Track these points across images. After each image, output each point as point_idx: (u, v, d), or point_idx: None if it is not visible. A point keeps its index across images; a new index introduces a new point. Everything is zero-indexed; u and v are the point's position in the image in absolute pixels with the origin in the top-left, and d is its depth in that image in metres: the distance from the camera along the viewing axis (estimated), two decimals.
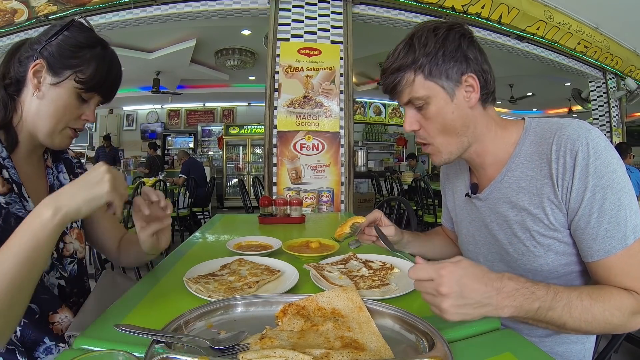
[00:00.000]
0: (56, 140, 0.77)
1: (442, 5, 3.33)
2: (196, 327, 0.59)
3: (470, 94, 0.73)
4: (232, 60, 5.80)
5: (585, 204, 0.65)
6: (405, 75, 0.73)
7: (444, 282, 0.55)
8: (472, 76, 0.72)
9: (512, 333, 0.61)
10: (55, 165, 0.88)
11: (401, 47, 0.74)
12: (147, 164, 6.67)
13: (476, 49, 0.74)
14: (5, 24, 3.32)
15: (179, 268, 0.94)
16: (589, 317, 0.60)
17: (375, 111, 9.50)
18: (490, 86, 0.76)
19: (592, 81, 5.24)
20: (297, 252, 1.04)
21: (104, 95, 0.80)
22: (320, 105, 2.79)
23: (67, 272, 0.82)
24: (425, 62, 0.71)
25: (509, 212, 0.77)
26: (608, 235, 0.63)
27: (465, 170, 0.92)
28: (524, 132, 0.76)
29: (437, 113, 0.74)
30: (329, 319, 0.58)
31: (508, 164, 0.77)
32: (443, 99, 0.73)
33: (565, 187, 0.67)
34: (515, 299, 0.58)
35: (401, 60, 0.73)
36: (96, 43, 0.77)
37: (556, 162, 0.68)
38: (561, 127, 0.69)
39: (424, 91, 0.73)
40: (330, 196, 2.78)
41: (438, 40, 0.71)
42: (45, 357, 0.74)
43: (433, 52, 0.71)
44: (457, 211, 0.96)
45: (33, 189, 0.77)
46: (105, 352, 0.43)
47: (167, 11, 3.22)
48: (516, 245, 0.77)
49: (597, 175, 0.64)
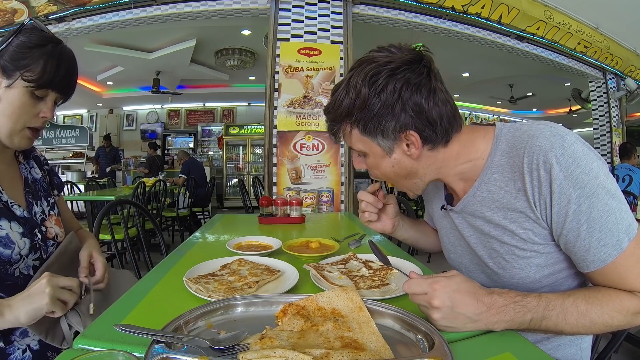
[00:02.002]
0: (15, 141, 0.81)
1: (442, 5, 3.33)
2: (196, 327, 0.59)
3: (412, 149, 0.69)
4: (232, 60, 5.80)
5: (572, 217, 0.61)
6: (342, 126, 0.72)
7: (436, 295, 0.57)
8: (412, 133, 0.67)
9: (512, 333, 0.61)
10: (26, 161, 0.95)
11: (339, 91, 0.70)
12: (147, 164, 6.68)
13: (423, 97, 0.65)
14: (5, 24, 3.32)
15: (179, 268, 0.94)
16: (587, 321, 0.60)
17: None
18: (441, 134, 0.68)
19: (592, 81, 5.24)
20: (297, 252, 1.04)
21: (58, 90, 0.82)
22: (320, 105, 2.79)
23: (47, 254, 0.88)
24: (360, 118, 0.67)
25: (485, 227, 0.74)
26: (601, 244, 0.60)
27: (440, 184, 0.88)
28: (494, 142, 0.71)
29: (376, 166, 0.73)
30: (329, 319, 0.58)
31: (480, 177, 0.72)
32: (380, 155, 0.71)
33: (542, 202, 0.64)
34: (505, 314, 0.58)
35: (338, 110, 0.70)
36: (47, 42, 0.79)
37: (529, 175, 0.64)
38: (532, 137, 0.64)
39: (360, 145, 0.72)
40: (330, 196, 2.78)
41: (374, 91, 0.65)
42: (22, 340, 0.79)
43: (367, 106, 0.66)
44: (436, 222, 0.94)
45: (8, 183, 0.85)
46: (105, 352, 0.43)
47: (167, 11, 3.22)
48: (496, 259, 0.75)
49: (579, 185, 0.60)
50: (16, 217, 0.81)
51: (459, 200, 0.79)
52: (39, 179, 0.95)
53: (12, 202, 0.82)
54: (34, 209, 0.88)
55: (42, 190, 0.94)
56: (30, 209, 0.87)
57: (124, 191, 4.30)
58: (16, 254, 0.78)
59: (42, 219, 0.89)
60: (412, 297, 0.61)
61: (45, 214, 0.91)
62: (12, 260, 0.77)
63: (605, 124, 5.18)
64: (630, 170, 3.38)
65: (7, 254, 0.76)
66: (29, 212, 0.86)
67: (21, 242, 0.80)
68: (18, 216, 0.82)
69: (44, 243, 0.87)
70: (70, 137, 7.74)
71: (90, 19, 3.35)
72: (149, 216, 1.69)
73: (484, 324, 0.58)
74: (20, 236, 0.80)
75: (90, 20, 3.35)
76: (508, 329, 0.60)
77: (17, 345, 0.79)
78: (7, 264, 0.76)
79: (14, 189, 0.86)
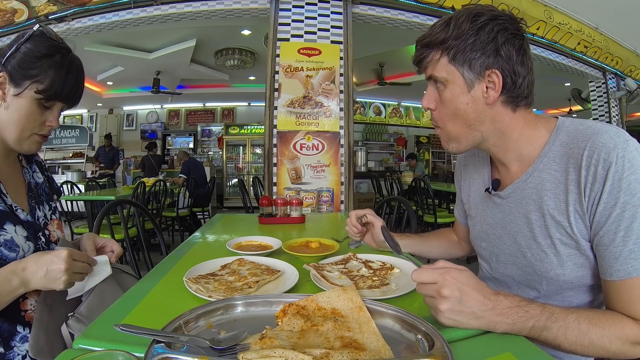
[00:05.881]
0: (24, 146, 0.82)
1: (442, 5, 3.33)
2: (196, 327, 0.59)
3: (490, 91, 0.70)
4: (232, 60, 5.80)
5: (613, 220, 0.61)
6: (432, 52, 0.72)
7: (446, 284, 0.57)
8: (497, 73, 0.68)
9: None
10: (29, 165, 0.96)
11: (438, 24, 0.72)
12: (141, 164, 6.72)
13: (515, 48, 0.68)
14: (5, 24, 3.32)
15: (179, 268, 0.94)
16: (586, 341, 0.59)
17: (375, 111, 9.50)
18: (519, 90, 0.70)
19: (592, 81, 5.24)
20: (297, 252, 1.04)
21: (65, 101, 0.83)
22: (320, 105, 2.79)
23: None
24: (453, 45, 0.69)
25: (532, 216, 0.73)
26: (632, 256, 0.60)
27: (485, 164, 0.88)
28: (555, 131, 0.72)
29: (451, 99, 0.72)
30: (329, 319, 0.58)
31: (535, 164, 0.73)
32: (460, 87, 0.71)
33: (592, 198, 0.64)
34: (508, 316, 0.58)
35: (433, 36, 0.72)
36: (55, 51, 0.79)
37: (586, 169, 0.64)
38: (597, 132, 0.65)
39: (444, 73, 0.71)
40: (330, 196, 2.78)
41: (474, 27, 0.68)
42: (22, 345, 0.79)
43: (464, 37, 0.68)
44: (472, 205, 0.92)
45: (11, 186, 0.85)
46: (105, 352, 0.43)
47: (167, 11, 3.22)
48: (534, 251, 0.74)
49: (630, 192, 0.60)
50: (20, 221, 0.82)
51: (505, 186, 0.79)
52: (41, 183, 0.96)
53: (16, 206, 0.83)
54: (36, 213, 0.88)
55: (44, 195, 0.94)
56: (34, 213, 0.87)
57: (124, 191, 4.30)
58: (20, 257, 0.78)
59: (44, 223, 0.89)
60: (421, 287, 0.61)
61: (48, 218, 0.92)
62: None
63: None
64: None
65: (12, 257, 0.77)
66: (32, 216, 0.86)
67: (25, 246, 0.80)
68: (22, 220, 0.82)
69: (47, 246, 0.87)
70: (70, 137, 7.75)
71: (90, 19, 3.35)
72: (149, 216, 1.69)
73: (486, 322, 0.58)
74: (25, 240, 0.80)
75: (90, 20, 3.35)
76: (508, 332, 0.60)
77: (16, 351, 0.79)
78: None
79: (17, 193, 0.86)
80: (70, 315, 0.80)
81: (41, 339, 0.76)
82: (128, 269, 1.06)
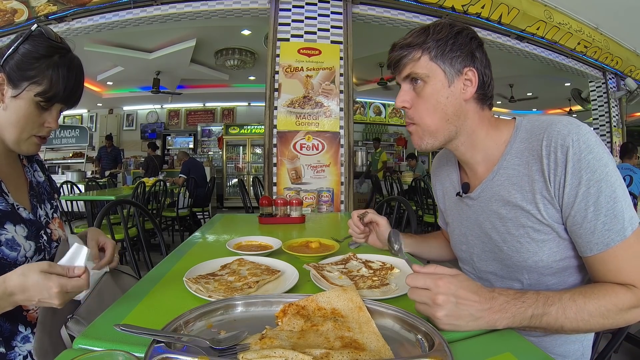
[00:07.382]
0: (23, 148, 0.82)
1: (442, 5, 3.33)
2: (196, 327, 0.59)
3: (467, 87, 0.76)
4: (232, 60, 5.81)
5: (581, 199, 0.65)
6: (412, 51, 0.77)
7: (440, 291, 0.58)
8: (473, 71, 0.75)
9: (512, 333, 0.61)
10: (30, 164, 0.95)
11: (417, 30, 0.78)
12: (144, 164, 6.68)
13: (483, 54, 0.77)
14: (5, 24, 3.32)
15: (179, 268, 0.94)
16: (585, 315, 0.61)
17: (375, 111, 9.50)
18: (487, 89, 0.78)
19: (592, 81, 5.24)
20: (297, 252, 1.04)
21: (64, 102, 0.82)
22: (320, 105, 2.79)
23: (51, 255, 0.88)
24: (434, 46, 0.75)
25: (502, 210, 0.77)
26: (606, 228, 0.64)
27: (454, 171, 0.93)
28: (514, 130, 0.77)
29: (432, 94, 0.76)
30: (329, 319, 0.58)
31: (500, 162, 0.78)
32: (441, 82, 0.75)
33: (557, 182, 0.68)
34: (507, 310, 0.60)
35: (414, 38, 0.77)
36: (54, 52, 0.78)
37: (547, 157, 0.69)
38: (551, 124, 0.70)
39: (425, 70, 0.76)
40: (330, 196, 2.78)
41: (452, 32, 0.75)
42: (23, 346, 0.79)
43: (444, 39, 0.74)
44: (448, 212, 0.96)
45: (13, 185, 0.84)
46: (105, 352, 0.43)
47: (167, 11, 3.22)
48: (510, 243, 0.77)
49: (590, 169, 0.64)
50: (22, 219, 0.82)
51: (474, 188, 0.83)
52: (42, 182, 0.96)
53: (18, 205, 0.82)
54: (38, 211, 0.88)
55: (45, 194, 0.94)
56: (35, 211, 0.87)
57: (124, 191, 4.30)
58: (22, 256, 0.78)
59: (46, 222, 0.89)
60: (413, 292, 0.61)
61: (49, 216, 0.91)
62: (18, 262, 0.77)
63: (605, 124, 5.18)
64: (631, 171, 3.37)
65: (13, 256, 0.77)
66: (34, 214, 0.86)
67: (26, 245, 0.80)
68: (24, 218, 0.82)
69: (49, 245, 0.87)
70: (70, 137, 7.74)
71: (90, 19, 3.35)
72: (149, 216, 1.69)
73: (486, 321, 0.59)
74: (25, 239, 0.80)
75: (90, 20, 3.35)
76: (510, 326, 0.60)
77: (18, 351, 0.79)
78: (12, 266, 0.76)
79: (19, 192, 0.86)
80: (69, 317, 0.80)
81: (45, 342, 0.76)
82: (128, 269, 1.06)
